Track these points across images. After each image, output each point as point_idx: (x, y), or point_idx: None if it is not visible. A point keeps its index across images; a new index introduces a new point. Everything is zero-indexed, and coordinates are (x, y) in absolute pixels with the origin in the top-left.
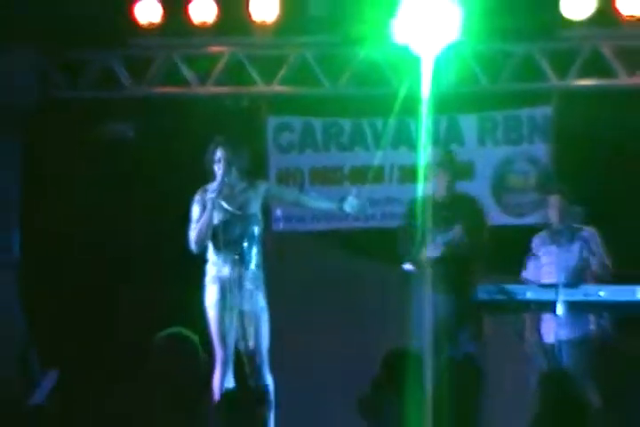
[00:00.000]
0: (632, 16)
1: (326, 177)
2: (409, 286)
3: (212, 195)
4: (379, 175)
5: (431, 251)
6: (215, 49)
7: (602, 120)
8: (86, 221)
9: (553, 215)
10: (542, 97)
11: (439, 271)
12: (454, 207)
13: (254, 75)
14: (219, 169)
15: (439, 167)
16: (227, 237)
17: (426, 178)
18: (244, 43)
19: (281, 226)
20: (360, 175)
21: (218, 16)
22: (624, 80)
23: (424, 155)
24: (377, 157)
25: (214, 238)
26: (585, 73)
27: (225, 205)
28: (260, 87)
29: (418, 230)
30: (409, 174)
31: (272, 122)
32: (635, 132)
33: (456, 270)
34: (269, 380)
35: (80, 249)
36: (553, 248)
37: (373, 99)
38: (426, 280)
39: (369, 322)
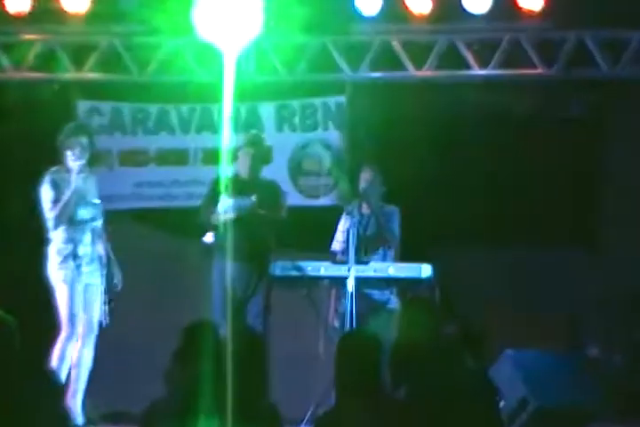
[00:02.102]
0: (420, 13)
1: (133, 159)
2: (210, 258)
3: (71, 176)
4: (183, 158)
5: (228, 215)
6: (29, 37)
7: (392, 109)
8: None
9: (364, 185)
10: (336, 87)
11: (236, 238)
12: (254, 185)
13: (66, 61)
14: (74, 154)
15: (246, 149)
16: (78, 217)
17: (229, 160)
18: (56, 31)
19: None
20: (165, 158)
21: (32, 6)
22: (412, 72)
23: (227, 139)
24: (182, 141)
25: (69, 218)
26: (376, 65)
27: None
28: (72, 73)
29: (218, 201)
30: (212, 157)
31: (82, 106)
32: (422, 120)
33: (251, 239)
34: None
35: None
36: (351, 222)
37: (179, 86)
38: (223, 249)
39: (182, 297)
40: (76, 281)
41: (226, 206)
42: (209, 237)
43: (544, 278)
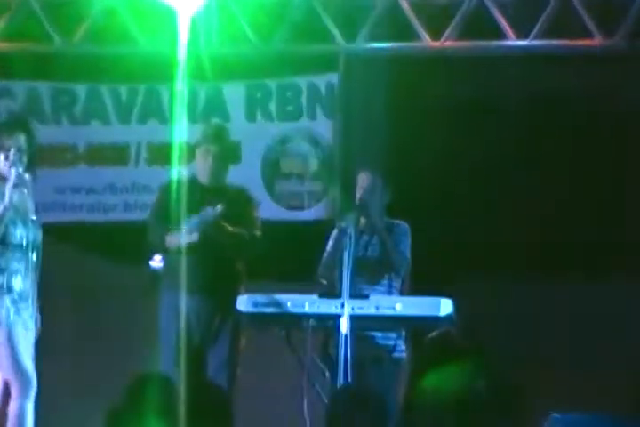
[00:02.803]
0: None
1: (55, 157)
2: (158, 290)
3: (4, 187)
4: (122, 156)
5: (186, 237)
6: None
7: (399, 92)
8: None
9: (360, 194)
10: (327, 62)
11: (195, 264)
12: (216, 193)
13: None
14: (7, 158)
15: (206, 145)
16: (14, 240)
17: (183, 159)
18: None
19: None
20: (98, 155)
21: None
22: (427, 43)
23: (181, 131)
24: (120, 133)
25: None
26: (379, 34)
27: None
28: None
29: (172, 216)
30: (160, 155)
31: None
32: (440, 107)
33: (216, 265)
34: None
35: None
36: (345, 243)
37: (115, 60)
38: (176, 277)
39: (119, 342)
40: (17, 322)
41: (192, 225)
42: (156, 262)
43: (596, 319)
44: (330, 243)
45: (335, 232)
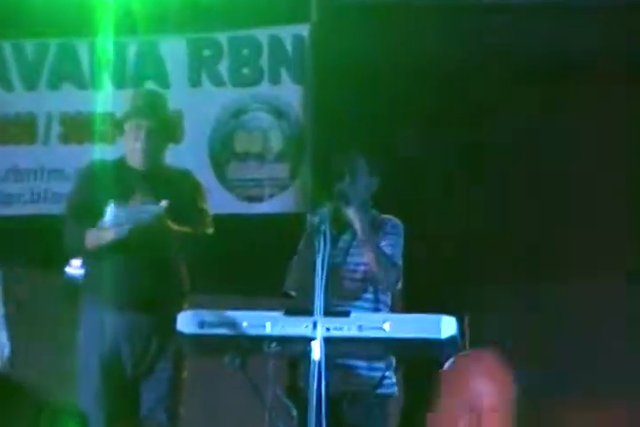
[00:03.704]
0: None
1: None
2: (78, 304)
3: None
4: (27, 131)
5: (111, 233)
6: None
7: (388, 46)
8: None
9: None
10: (294, 10)
11: (125, 271)
12: (154, 181)
13: None
14: None
15: (137, 119)
16: None
17: (108, 136)
18: None
19: None
20: None
21: None
22: None
23: (104, 100)
24: (24, 102)
25: None
26: None
27: None
28: None
29: (94, 210)
30: (77, 130)
31: None
32: (434, 67)
33: (152, 272)
34: None
35: None
36: (319, 244)
37: (19, 7)
38: (101, 288)
39: (27, 369)
40: None
41: (118, 218)
42: (74, 268)
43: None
44: (300, 244)
45: (307, 232)
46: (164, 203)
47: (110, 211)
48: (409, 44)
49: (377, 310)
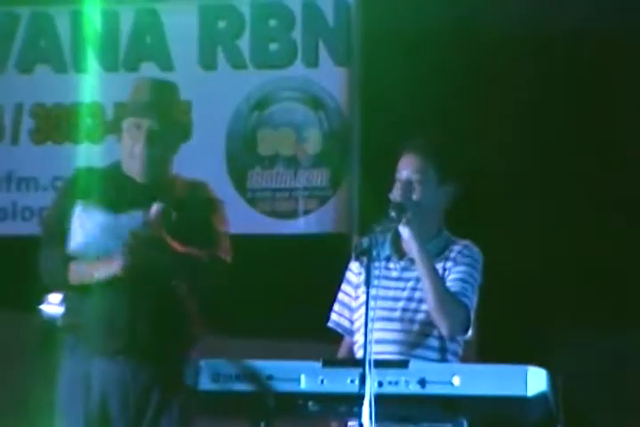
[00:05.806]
0: None
1: None
2: (54, 347)
3: None
4: None
5: (104, 267)
6: None
7: (460, 13)
8: None
9: (400, 190)
10: None
11: (117, 308)
12: (160, 197)
13: None
14: None
15: (132, 118)
16: None
17: (97, 133)
18: None
19: None
20: None
21: None
22: None
23: (91, 88)
24: None
25: None
26: None
27: None
28: None
29: (83, 224)
30: (55, 126)
31: None
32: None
33: (152, 310)
34: None
35: None
36: (372, 274)
37: None
38: (87, 331)
39: None
40: None
41: (96, 229)
42: (52, 306)
43: None
44: (348, 273)
45: (353, 259)
46: (156, 206)
47: (80, 219)
48: (487, 10)
49: (444, 359)
